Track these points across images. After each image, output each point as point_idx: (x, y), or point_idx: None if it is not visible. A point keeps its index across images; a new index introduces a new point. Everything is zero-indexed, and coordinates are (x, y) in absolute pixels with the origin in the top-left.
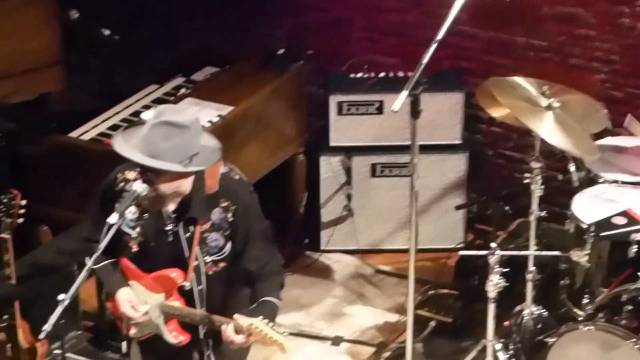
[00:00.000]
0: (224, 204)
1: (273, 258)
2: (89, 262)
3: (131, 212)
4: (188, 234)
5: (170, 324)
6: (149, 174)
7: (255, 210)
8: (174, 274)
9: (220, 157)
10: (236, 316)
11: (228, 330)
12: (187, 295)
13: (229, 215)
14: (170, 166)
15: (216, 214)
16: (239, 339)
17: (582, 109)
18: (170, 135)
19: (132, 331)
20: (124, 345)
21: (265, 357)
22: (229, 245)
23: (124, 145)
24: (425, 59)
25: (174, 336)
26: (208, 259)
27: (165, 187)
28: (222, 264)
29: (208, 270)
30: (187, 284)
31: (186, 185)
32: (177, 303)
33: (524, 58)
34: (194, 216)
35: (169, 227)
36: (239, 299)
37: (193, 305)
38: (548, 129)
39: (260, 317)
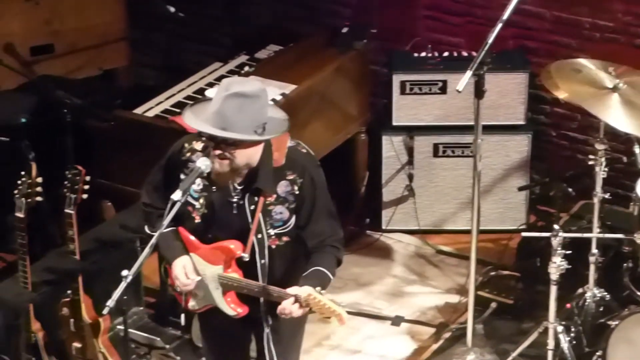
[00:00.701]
0: (291, 177)
1: (334, 233)
2: (152, 240)
3: (195, 183)
4: (253, 206)
5: (228, 295)
6: (223, 147)
7: (321, 184)
8: (233, 245)
9: (289, 126)
10: (293, 288)
11: (286, 301)
12: (245, 267)
13: (295, 188)
14: (246, 136)
15: (282, 187)
16: (296, 309)
17: None
18: (244, 106)
19: (191, 303)
20: (182, 317)
21: (325, 335)
22: (293, 219)
23: (196, 120)
24: (490, 38)
25: (232, 308)
26: (272, 231)
27: (241, 159)
28: (285, 238)
29: (271, 244)
30: (245, 255)
31: (256, 156)
32: (235, 274)
33: (589, 39)
34: (260, 187)
35: (235, 199)
36: (300, 275)
37: (255, 278)
38: (614, 112)
39: (318, 288)
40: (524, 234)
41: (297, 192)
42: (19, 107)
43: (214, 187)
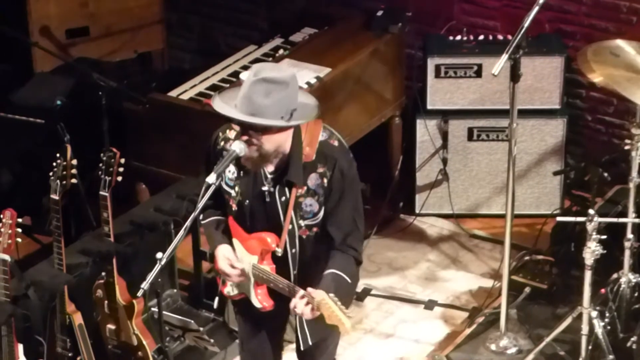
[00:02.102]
0: (321, 170)
1: (355, 231)
2: (187, 222)
3: (230, 171)
4: (284, 198)
5: (259, 288)
6: (251, 132)
7: (351, 177)
8: (269, 238)
9: (319, 113)
10: (310, 290)
11: (298, 300)
12: (279, 261)
13: (325, 181)
14: (272, 122)
15: (312, 180)
16: (307, 311)
17: None
18: (271, 92)
19: (227, 289)
20: (216, 300)
21: (358, 319)
22: (323, 211)
23: (224, 106)
24: (527, 22)
25: (259, 300)
26: (302, 223)
27: (269, 145)
28: (315, 229)
29: (302, 234)
30: (279, 250)
31: (286, 143)
32: (267, 267)
33: (627, 22)
34: (291, 180)
35: (266, 188)
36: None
37: (287, 268)
38: None
39: (332, 295)
40: (559, 218)
41: (326, 185)
42: (55, 89)
43: (242, 173)
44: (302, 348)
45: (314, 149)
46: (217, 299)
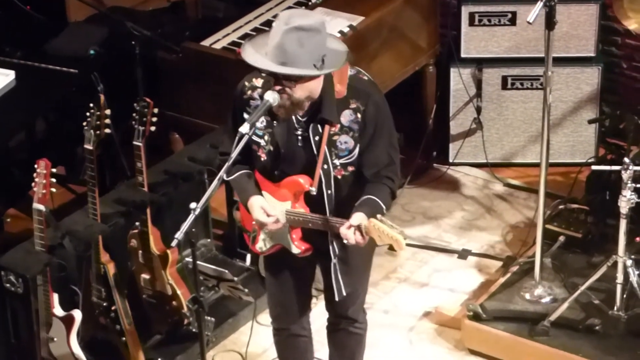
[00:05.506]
0: (354, 106)
1: (391, 163)
2: (221, 172)
3: (260, 120)
4: (317, 137)
5: (294, 232)
6: (285, 82)
7: (384, 110)
8: (302, 179)
9: (349, 58)
10: (352, 220)
11: (347, 230)
12: (314, 204)
13: (359, 115)
14: (306, 71)
15: (346, 117)
16: (358, 236)
17: None
18: (304, 40)
19: (259, 245)
20: (248, 257)
21: (392, 268)
22: (358, 148)
23: (256, 56)
24: None
25: (297, 245)
26: (337, 162)
27: (301, 92)
28: (350, 168)
29: (337, 174)
30: (313, 189)
31: (317, 89)
32: (302, 210)
33: None
34: (325, 117)
35: (299, 132)
36: None
37: (323, 210)
38: None
39: (379, 216)
40: (594, 167)
41: (360, 120)
42: (88, 39)
43: (274, 122)
44: (337, 298)
45: (345, 84)
46: (248, 256)
